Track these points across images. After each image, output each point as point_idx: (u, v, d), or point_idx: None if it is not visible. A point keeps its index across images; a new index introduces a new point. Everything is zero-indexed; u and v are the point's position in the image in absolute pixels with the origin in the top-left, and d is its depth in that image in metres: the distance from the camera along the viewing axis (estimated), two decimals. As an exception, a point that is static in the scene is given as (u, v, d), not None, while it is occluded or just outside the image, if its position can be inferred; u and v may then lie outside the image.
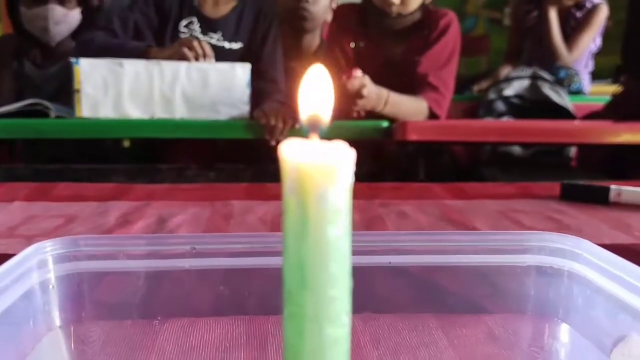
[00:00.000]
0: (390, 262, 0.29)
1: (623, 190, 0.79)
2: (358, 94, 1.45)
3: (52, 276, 0.27)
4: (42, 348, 0.25)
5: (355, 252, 0.24)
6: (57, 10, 1.85)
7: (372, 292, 0.29)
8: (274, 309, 0.24)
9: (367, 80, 1.47)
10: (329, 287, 0.18)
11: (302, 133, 0.19)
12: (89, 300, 0.27)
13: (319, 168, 0.17)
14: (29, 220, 0.69)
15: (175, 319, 0.29)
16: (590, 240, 0.63)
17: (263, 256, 0.28)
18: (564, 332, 0.28)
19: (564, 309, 0.28)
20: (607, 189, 0.79)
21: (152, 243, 0.28)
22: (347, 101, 1.46)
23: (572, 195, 0.82)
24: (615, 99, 1.95)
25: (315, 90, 0.19)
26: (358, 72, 1.46)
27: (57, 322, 0.27)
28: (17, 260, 0.25)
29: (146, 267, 0.28)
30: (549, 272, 0.29)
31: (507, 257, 0.29)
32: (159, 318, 0.28)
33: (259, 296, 0.28)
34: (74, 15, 1.90)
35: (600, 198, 0.80)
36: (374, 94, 1.50)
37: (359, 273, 0.28)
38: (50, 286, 0.27)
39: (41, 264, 0.26)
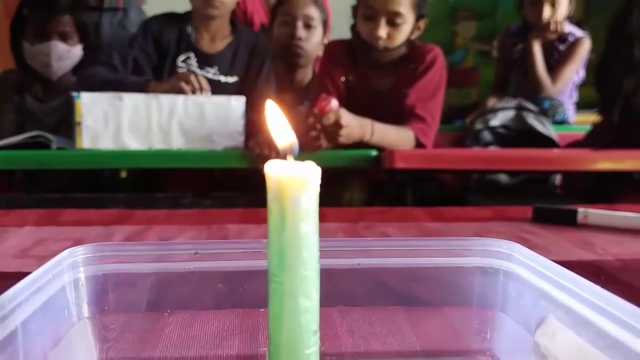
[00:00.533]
0: (358, 264, 0.35)
1: (589, 213, 0.85)
2: (337, 125, 1.51)
3: (82, 276, 0.33)
4: (74, 334, 0.31)
5: (328, 256, 0.30)
6: (59, 47, 1.93)
7: (344, 290, 0.35)
8: (264, 303, 0.30)
9: (342, 111, 1.52)
10: (302, 269, 0.24)
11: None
12: (112, 296, 0.33)
13: (294, 180, 0.23)
14: (40, 243, 0.75)
15: (180, 312, 0.34)
16: (557, 258, 0.69)
17: (256, 259, 0.34)
18: (502, 319, 0.34)
19: (501, 301, 0.34)
20: (575, 212, 0.85)
21: (162, 249, 0.34)
22: (328, 135, 1.52)
23: (543, 218, 0.88)
24: (595, 128, 2.04)
25: (279, 125, 0.26)
26: (333, 103, 1.50)
27: (86, 313, 0.33)
28: (54, 262, 0.31)
29: (158, 269, 0.34)
30: (489, 271, 0.35)
31: (456, 260, 0.35)
32: (168, 311, 0.34)
33: (252, 293, 0.34)
34: (76, 52, 1.98)
35: (569, 220, 0.86)
36: (355, 123, 1.55)
37: (332, 273, 0.34)
38: (80, 284, 0.32)
39: (73, 265, 0.32)
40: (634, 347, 0.23)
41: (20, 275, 0.34)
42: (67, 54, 1.95)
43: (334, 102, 1.50)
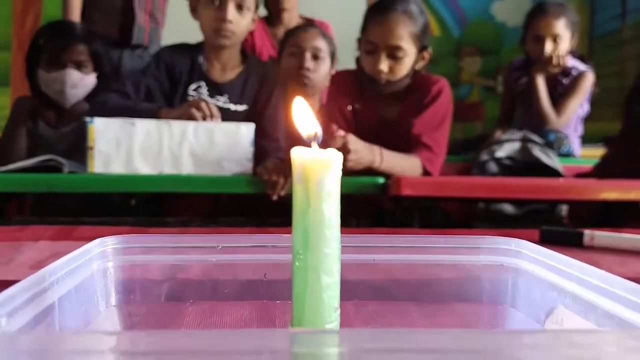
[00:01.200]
0: (374, 260, 0.36)
1: (596, 235, 0.86)
2: (345, 149, 1.53)
3: (110, 265, 0.34)
4: (102, 319, 0.33)
5: (343, 251, 0.32)
6: (74, 75, 1.97)
7: (359, 284, 0.36)
8: (280, 295, 0.31)
9: (350, 136, 1.55)
10: (324, 247, 0.25)
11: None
12: (137, 285, 0.35)
13: (317, 163, 0.25)
14: (55, 256, 0.76)
15: (201, 302, 0.36)
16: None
17: (274, 253, 0.35)
18: (512, 314, 0.35)
19: (511, 296, 0.36)
20: (581, 234, 0.87)
21: (186, 241, 0.36)
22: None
23: (550, 240, 0.89)
24: (603, 161, 2.04)
25: (305, 116, 0.28)
26: (340, 132, 1.54)
27: (113, 301, 0.34)
28: (84, 249, 0.33)
29: (181, 260, 0.35)
30: (499, 268, 0.36)
31: (467, 257, 0.37)
32: (191, 301, 0.35)
33: (270, 285, 0.35)
34: (90, 80, 2.02)
35: (575, 242, 0.87)
36: (364, 149, 1.58)
37: (347, 268, 0.36)
38: (109, 272, 0.34)
39: (103, 254, 0.34)
40: None
41: None
42: (81, 82, 1.99)
43: (340, 131, 1.54)
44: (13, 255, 0.76)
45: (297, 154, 0.26)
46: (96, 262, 0.33)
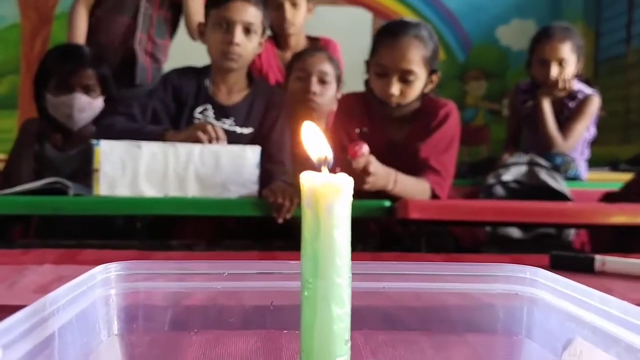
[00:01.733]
0: (384, 287, 0.35)
1: (607, 260, 0.85)
2: (365, 171, 1.52)
3: (113, 292, 0.33)
4: (103, 350, 0.32)
5: (353, 279, 0.31)
6: (82, 99, 1.98)
7: (369, 313, 0.35)
8: (287, 324, 0.30)
9: (372, 158, 1.54)
10: (335, 275, 0.25)
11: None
12: (140, 313, 0.34)
13: (328, 187, 0.24)
14: (59, 280, 0.75)
15: (206, 332, 0.35)
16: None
17: (281, 280, 0.34)
18: (527, 346, 0.34)
19: (526, 327, 0.34)
20: (592, 259, 0.85)
21: (191, 268, 0.35)
22: (355, 180, 1.53)
23: (561, 265, 0.87)
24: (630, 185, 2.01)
25: (316, 139, 0.27)
26: (364, 149, 1.52)
27: (115, 330, 0.33)
28: (87, 276, 0.32)
29: (186, 288, 0.34)
30: (513, 297, 0.35)
31: (481, 285, 0.35)
32: (195, 330, 0.34)
33: (276, 314, 0.34)
34: (97, 104, 2.03)
35: (586, 267, 0.85)
36: (382, 171, 1.57)
37: (357, 296, 0.35)
38: (111, 300, 0.33)
39: (106, 281, 0.33)
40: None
41: None
42: (88, 105, 2.00)
43: (365, 147, 1.52)
44: (16, 279, 0.75)
45: (307, 179, 0.25)
46: (99, 289, 0.32)
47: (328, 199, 0.24)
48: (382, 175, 1.57)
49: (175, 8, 2.44)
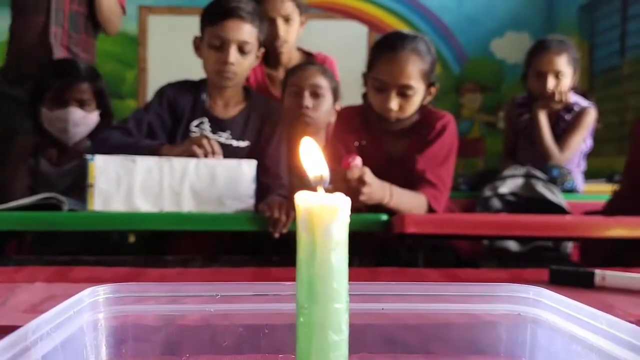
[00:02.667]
0: (383, 309, 0.34)
1: (607, 275, 0.84)
2: (360, 181, 1.51)
3: (101, 316, 0.32)
4: (90, 376, 0.30)
5: (353, 300, 0.30)
6: (76, 113, 1.97)
7: (367, 336, 0.34)
8: (282, 347, 0.29)
9: (366, 169, 1.53)
10: (332, 301, 0.23)
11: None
12: (130, 338, 0.32)
13: (324, 209, 0.23)
14: (50, 299, 0.74)
15: (199, 357, 0.34)
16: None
17: (276, 302, 0.33)
18: (531, 369, 0.33)
19: (530, 349, 0.33)
20: (592, 274, 0.84)
21: (182, 290, 0.33)
22: (351, 192, 1.52)
23: (560, 280, 0.86)
24: (616, 196, 2.01)
25: (313, 157, 0.26)
26: (357, 161, 1.52)
27: (104, 355, 0.32)
28: (75, 300, 0.31)
29: (178, 310, 0.33)
30: (516, 317, 0.34)
31: (482, 306, 0.34)
32: (187, 355, 0.33)
33: (271, 337, 0.33)
34: (92, 118, 2.02)
35: (586, 282, 0.84)
36: (377, 183, 1.56)
37: (356, 318, 0.33)
38: (100, 325, 0.32)
39: (94, 305, 0.32)
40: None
41: None
42: (83, 120, 1.99)
43: (358, 160, 1.53)
44: (7, 297, 0.74)
45: (302, 199, 0.24)
46: (87, 314, 0.31)
47: (324, 220, 0.23)
48: (377, 187, 1.56)
49: (91, 3, 2.43)
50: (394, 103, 1.70)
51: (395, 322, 0.34)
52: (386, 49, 1.74)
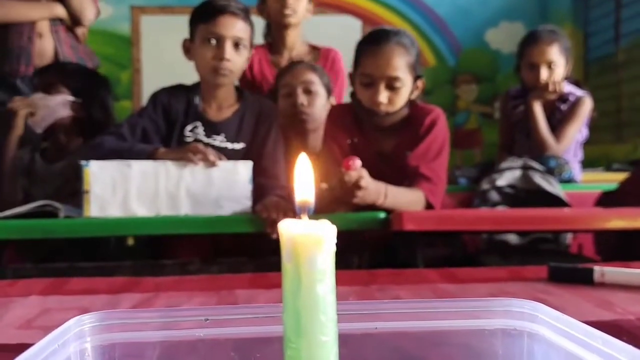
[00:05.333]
0: (376, 328, 0.33)
1: (606, 271, 0.83)
2: (357, 185, 1.52)
3: (88, 346, 0.31)
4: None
5: (343, 320, 0.29)
6: (36, 96, 1.97)
7: (360, 356, 0.33)
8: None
9: (364, 172, 1.54)
10: (319, 334, 0.23)
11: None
12: (119, 366, 0.32)
13: (309, 239, 0.22)
14: (45, 313, 0.73)
15: (191, 383, 0.33)
16: (577, 318, 0.67)
17: (268, 325, 0.32)
18: (529, 385, 0.32)
19: (527, 364, 0.33)
20: (591, 270, 0.84)
21: (170, 316, 0.33)
22: (346, 193, 1.53)
23: (559, 277, 0.86)
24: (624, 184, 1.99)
25: (302, 179, 0.25)
26: (357, 163, 1.53)
27: (91, 387, 0.31)
28: (59, 331, 0.30)
29: (166, 337, 0.32)
30: (512, 333, 0.33)
31: (477, 322, 0.34)
32: (178, 382, 0.32)
33: (263, 360, 0.32)
34: (55, 101, 1.97)
35: (585, 279, 0.84)
36: (373, 186, 1.56)
37: (347, 339, 0.33)
38: (87, 354, 0.31)
39: (80, 334, 0.31)
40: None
41: (23, 348, 0.32)
42: (42, 101, 1.97)
43: (358, 162, 1.53)
44: (2, 314, 0.73)
45: (286, 229, 0.23)
46: (73, 344, 0.30)
47: (309, 250, 0.23)
48: (372, 190, 1.56)
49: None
50: (383, 96, 1.70)
51: (388, 341, 0.33)
52: (371, 44, 1.75)
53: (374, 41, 1.74)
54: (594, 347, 0.27)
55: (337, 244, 0.26)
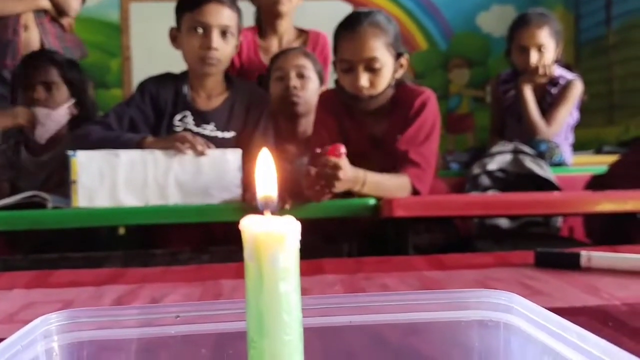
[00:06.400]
0: (350, 322, 0.33)
1: (593, 256, 0.83)
2: (334, 176, 1.50)
3: (55, 345, 0.31)
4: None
5: (321, 314, 0.28)
6: (40, 112, 1.94)
7: (339, 349, 0.33)
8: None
9: (344, 162, 1.52)
10: (282, 333, 0.22)
11: (292, 212, 0.24)
12: (88, 365, 0.31)
13: (271, 236, 0.22)
14: (29, 307, 0.72)
15: (163, 380, 0.32)
16: (562, 304, 0.67)
17: (241, 321, 0.32)
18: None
19: (503, 356, 0.32)
20: (578, 255, 0.83)
21: (141, 313, 0.32)
22: (326, 180, 1.51)
23: (546, 262, 0.86)
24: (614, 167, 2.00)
25: (266, 175, 0.24)
26: (341, 150, 1.52)
27: (60, 387, 0.31)
28: (26, 330, 0.29)
29: (138, 334, 0.32)
30: (489, 324, 0.33)
31: (454, 313, 0.33)
32: (149, 380, 0.32)
33: (237, 358, 0.32)
34: (59, 114, 1.98)
35: (572, 264, 0.84)
36: (350, 176, 1.55)
37: (326, 332, 0.32)
38: (54, 354, 0.30)
39: (47, 333, 0.30)
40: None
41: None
42: (47, 118, 1.95)
43: (343, 149, 1.53)
44: (-16, 308, 0.72)
45: (247, 226, 0.22)
46: (40, 343, 0.30)
47: (271, 248, 0.22)
48: (350, 178, 1.55)
49: None
50: (364, 79, 1.68)
51: (362, 335, 0.33)
52: (345, 29, 1.73)
53: (349, 26, 1.73)
54: (569, 341, 0.26)
55: (327, 232, 0.26)
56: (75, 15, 2.52)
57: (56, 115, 1.96)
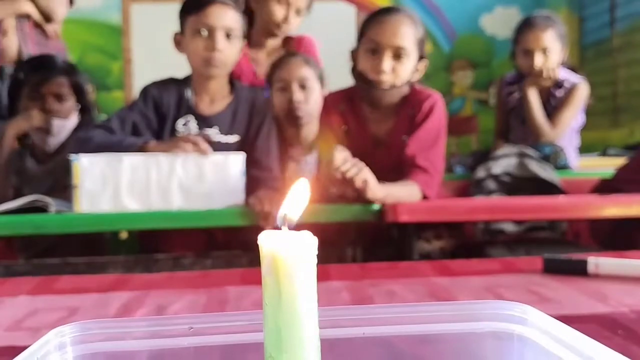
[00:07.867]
0: (364, 333, 0.32)
1: (600, 262, 0.83)
2: (362, 196, 1.52)
3: (69, 357, 0.31)
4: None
5: (332, 325, 0.28)
6: (55, 125, 1.94)
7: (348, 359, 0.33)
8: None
9: (372, 183, 1.53)
10: (300, 349, 0.22)
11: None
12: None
13: (289, 253, 0.22)
14: (34, 314, 0.72)
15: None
16: (571, 311, 0.67)
17: (253, 332, 0.32)
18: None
19: (518, 368, 0.32)
20: (585, 262, 0.83)
21: (154, 324, 0.32)
22: (350, 189, 1.53)
23: (553, 269, 0.85)
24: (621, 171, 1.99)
25: (295, 199, 0.24)
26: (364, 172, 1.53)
27: (73, 399, 0.30)
28: (39, 344, 0.29)
29: (150, 346, 0.32)
30: (502, 336, 0.33)
31: (467, 325, 0.33)
32: (161, 392, 0.32)
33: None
34: (71, 123, 1.98)
35: (579, 270, 0.83)
36: (380, 197, 1.55)
37: (336, 344, 0.32)
38: (68, 366, 0.30)
39: (60, 345, 0.30)
40: None
41: (11, 351, 0.31)
42: (62, 129, 1.96)
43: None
44: (-11, 315, 0.72)
45: (266, 241, 0.22)
46: (53, 355, 0.30)
47: (289, 263, 0.22)
48: (378, 194, 1.56)
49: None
50: (387, 64, 1.69)
51: (376, 347, 0.32)
52: (380, 14, 1.75)
53: (385, 12, 1.76)
54: (583, 354, 0.26)
55: (330, 236, 0.26)
56: (61, 20, 2.52)
57: (69, 124, 1.97)
